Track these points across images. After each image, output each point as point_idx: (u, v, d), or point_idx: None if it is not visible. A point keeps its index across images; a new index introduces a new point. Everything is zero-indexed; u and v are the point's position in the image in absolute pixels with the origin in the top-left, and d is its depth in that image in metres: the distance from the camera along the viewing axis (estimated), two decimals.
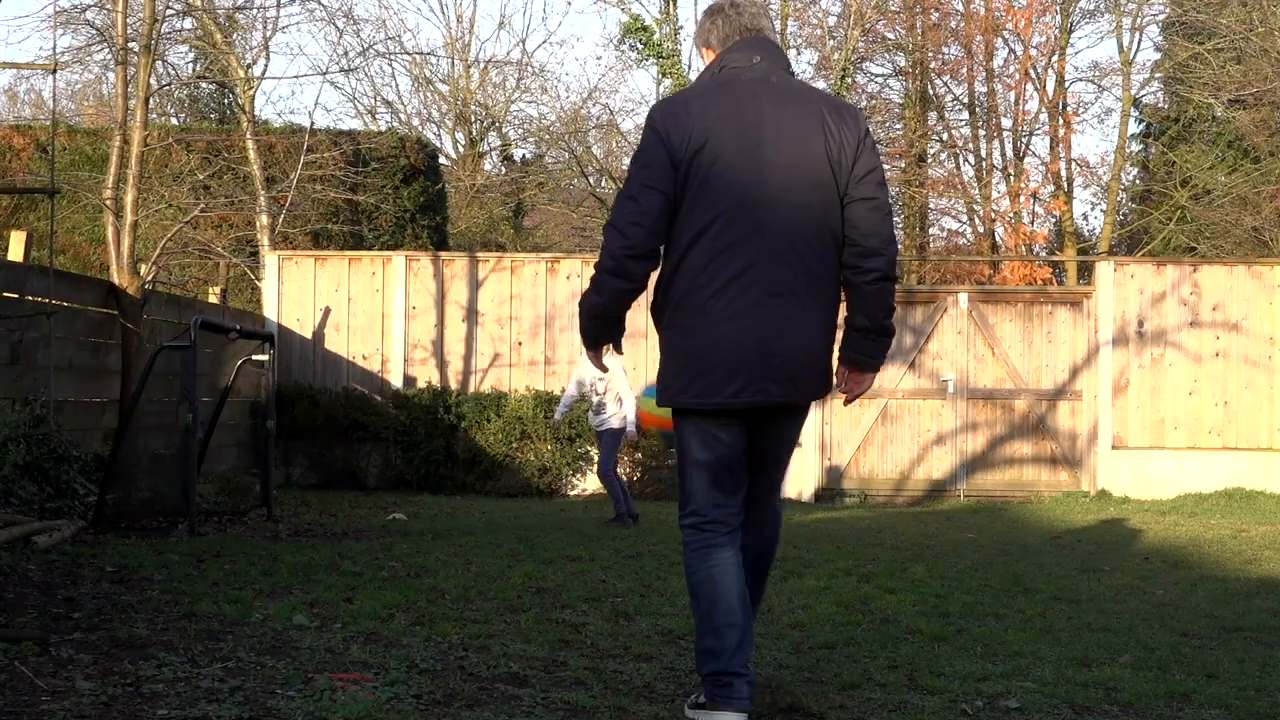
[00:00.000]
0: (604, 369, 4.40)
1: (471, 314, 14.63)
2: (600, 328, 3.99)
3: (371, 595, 6.01)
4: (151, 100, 12.24)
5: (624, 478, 14.02)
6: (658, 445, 13.73)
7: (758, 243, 3.80)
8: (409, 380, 14.46)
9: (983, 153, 27.77)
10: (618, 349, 4.21)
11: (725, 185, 3.79)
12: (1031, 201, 27.16)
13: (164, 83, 16.78)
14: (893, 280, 3.92)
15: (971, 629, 5.69)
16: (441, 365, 14.53)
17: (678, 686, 4.40)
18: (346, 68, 21.52)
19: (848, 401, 4.16)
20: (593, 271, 3.92)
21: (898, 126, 27.53)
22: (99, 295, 10.88)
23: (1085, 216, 28.93)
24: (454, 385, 14.44)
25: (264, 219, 16.38)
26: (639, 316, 8.62)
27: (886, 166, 27.14)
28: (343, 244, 18.01)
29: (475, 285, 14.66)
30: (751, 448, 3.95)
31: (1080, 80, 28.33)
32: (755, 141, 3.81)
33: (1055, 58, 26.76)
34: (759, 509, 4.03)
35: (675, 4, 22.32)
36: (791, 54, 26.10)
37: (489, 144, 27.89)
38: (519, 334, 14.58)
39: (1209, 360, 14.44)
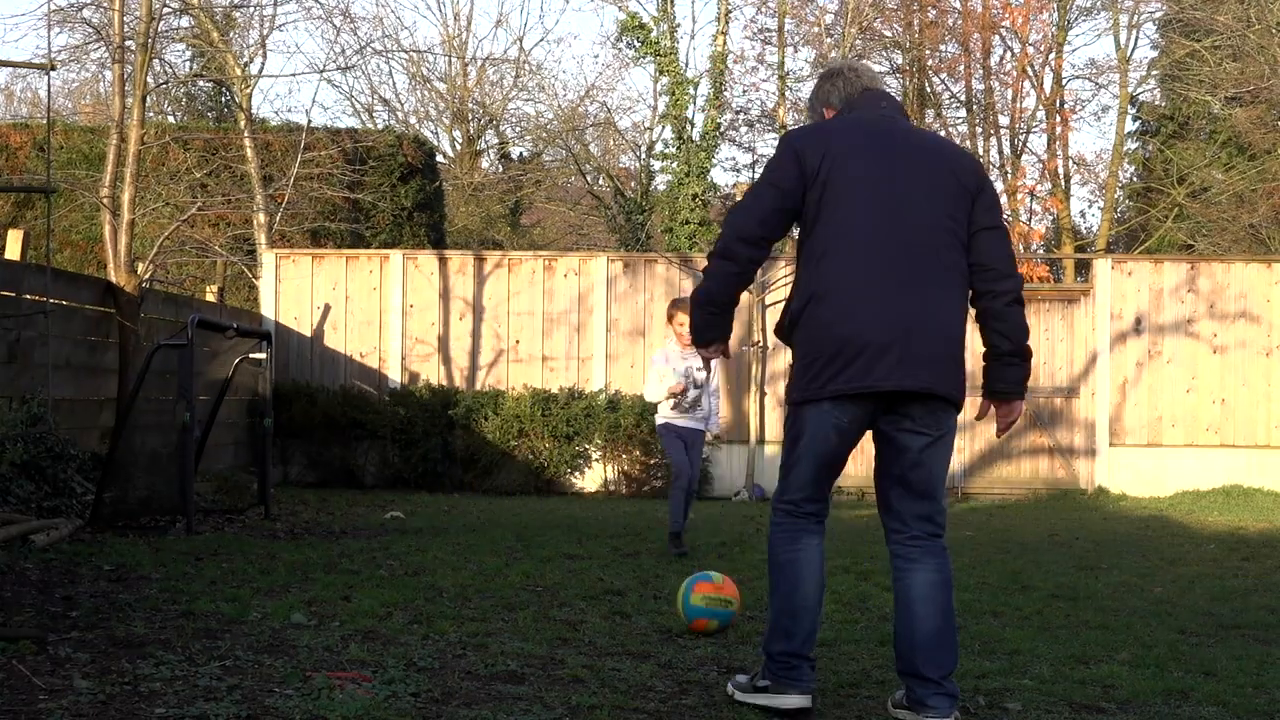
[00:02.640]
0: (707, 367, 4.47)
1: (469, 312, 14.62)
2: (711, 318, 4.13)
3: (369, 593, 6.01)
4: (149, 98, 12.25)
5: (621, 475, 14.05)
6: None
7: (896, 249, 3.91)
8: (408, 378, 14.46)
9: (980, 150, 27.77)
10: (725, 354, 4.26)
11: (864, 198, 3.94)
12: (1029, 199, 27.18)
13: (161, 81, 16.76)
14: (1023, 304, 4.04)
15: (969, 627, 5.69)
16: (439, 363, 14.53)
17: (676, 685, 4.40)
18: (344, 66, 21.50)
19: (1001, 432, 4.24)
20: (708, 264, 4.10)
21: None
22: (96, 293, 10.87)
23: (1083, 214, 29.02)
24: (452, 383, 14.44)
25: (261, 217, 16.37)
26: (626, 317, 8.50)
27: None
28: (340, 242, 18.01)
29: (473, 283, 14.66)
30: (894, 452, 3.98)
31: (1077, 78, 28.32)
32: (890, 167, 3.98)
33: (1052, 55, 26.78)
34: (923, 541, 4.00)
35: (672, 2, 22.31)
36: (788, 52, 26.14)
37: (486, 142, 27.90)
38: (517, 332, 14.57)
39: (1207, 358, 14.45)
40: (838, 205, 3.94)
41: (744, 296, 14.28)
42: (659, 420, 8.40)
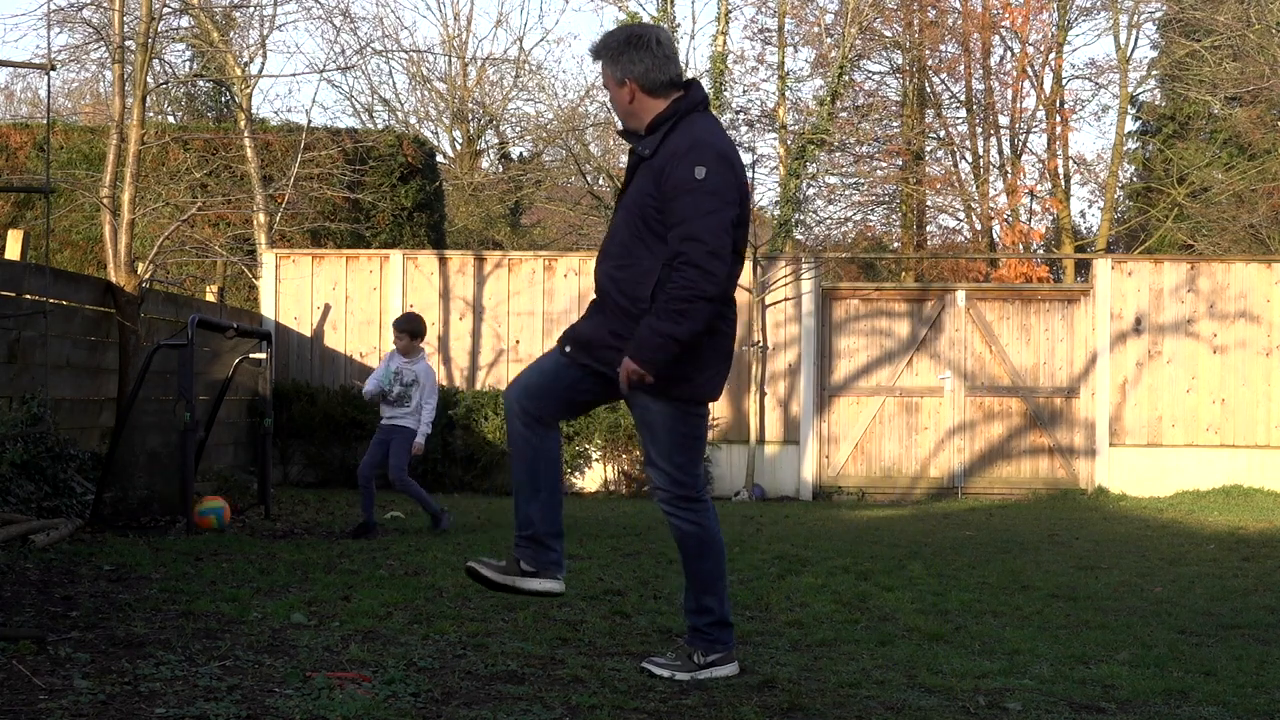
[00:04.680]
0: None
1: (469, 312, 14.63)
2: (681, 353, 4.29)
3: (369, 594, 6.01)
4: (149, 98, 12.25)
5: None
6: None
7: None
8: None
9: (980, 150, 27.77)
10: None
11: (748, 213, 4.45)
12: (1029, 199, 27.17)
13: (161, 81, 16.76)
14: None
15: (969, 627, 5.69)
16: (439, 363, 14.53)
17: (676, 684, 4.40)
18: (344, 66, 21.48)
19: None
20: (680, 303, 4.19)
21: (895, 124, 27.51)
22: (96, 293, 10.87)
23: (1083, 214, 29.00)
24: (452, 383, 14.44)
25: (261, 217, 16.37)
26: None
27: (884, 164, 27.28)
28: (340, 242, 18.01)
29: (473, 283, 14.66)
30: None
31: (1077, 78, 28.26)
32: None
33: (1052, 55, 26.76)
34: None
35: (672, 2, 22.27)
36: (788, 52, 26.12)
37: (486, 142, 27.87)
38: (517, 332, 14.57)
39: (1207, 357, 14.45)
40: (741, 225, 4.35)
41: (744, 297, 14.34)
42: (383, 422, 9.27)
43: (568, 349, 4.43)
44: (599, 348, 4.36)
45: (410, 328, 9.29)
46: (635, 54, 4.34)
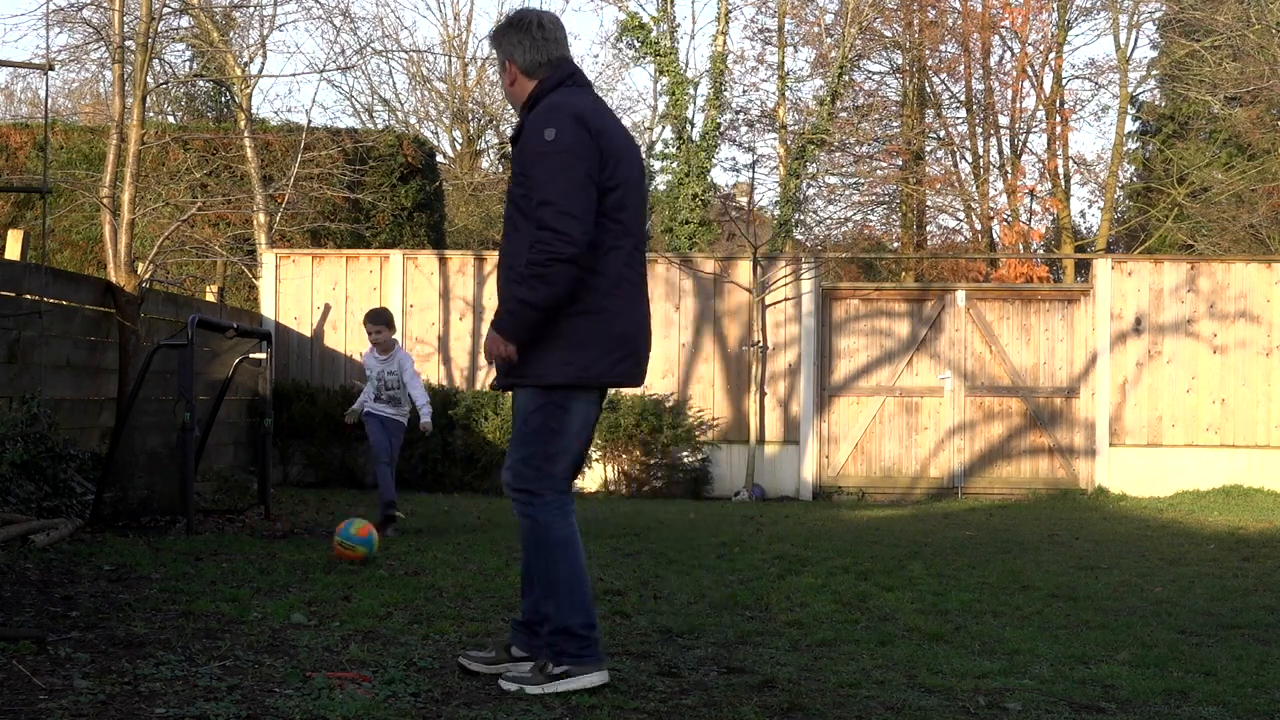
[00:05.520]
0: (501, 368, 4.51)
1: (469, 312, 14.62)
2: (543, 322, 4.15)
3: (369, 594, 6.01)
4: (149, 98, 12.24)
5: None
6: (667, 438, 13.72)
7: (643, 246, 4.35)
8: None
9: (980, 150, 27.78)
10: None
11: (634, 195, 4.26)
12: (1029, 199, 27.17)
13: (161, 81, 16.77)
14: None
15: (969, 627, 5.69)
16: (439, 363, 14.53)
17: (676, 685, 4.40)
18: (344, 66, 21.48)
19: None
20: (535, 267, 4.09)
21: (895, 124, 27.52)
22: (96, 293, 10.87)
23: (1083, 214, 29.00)
24: (452, 383, 14.44)
25: (261, 217, 16.37)
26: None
27: (884, 164, 27.28)
28: (340, 242, 18.01)
29: (473, 283, 14.65)
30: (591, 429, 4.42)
31: (1077, 78, 28.27)
32: (637, 158, 4.33)
33: (1052, 55, 26.77)
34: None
35: (672, 2, 22.29)
36: (788, 52, 26.14)
37: (486, 142, 27.88)
38: None
39: (1207, 358, 14.45)
40: (622, 201, 4.20)
41: (744, 297, 14.34)
42: (367, 408, 9.41)
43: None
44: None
45: (388, 318, 9.34)
46: (515, 35, 4.30)
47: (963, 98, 27.80)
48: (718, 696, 4.24)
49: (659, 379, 14.33)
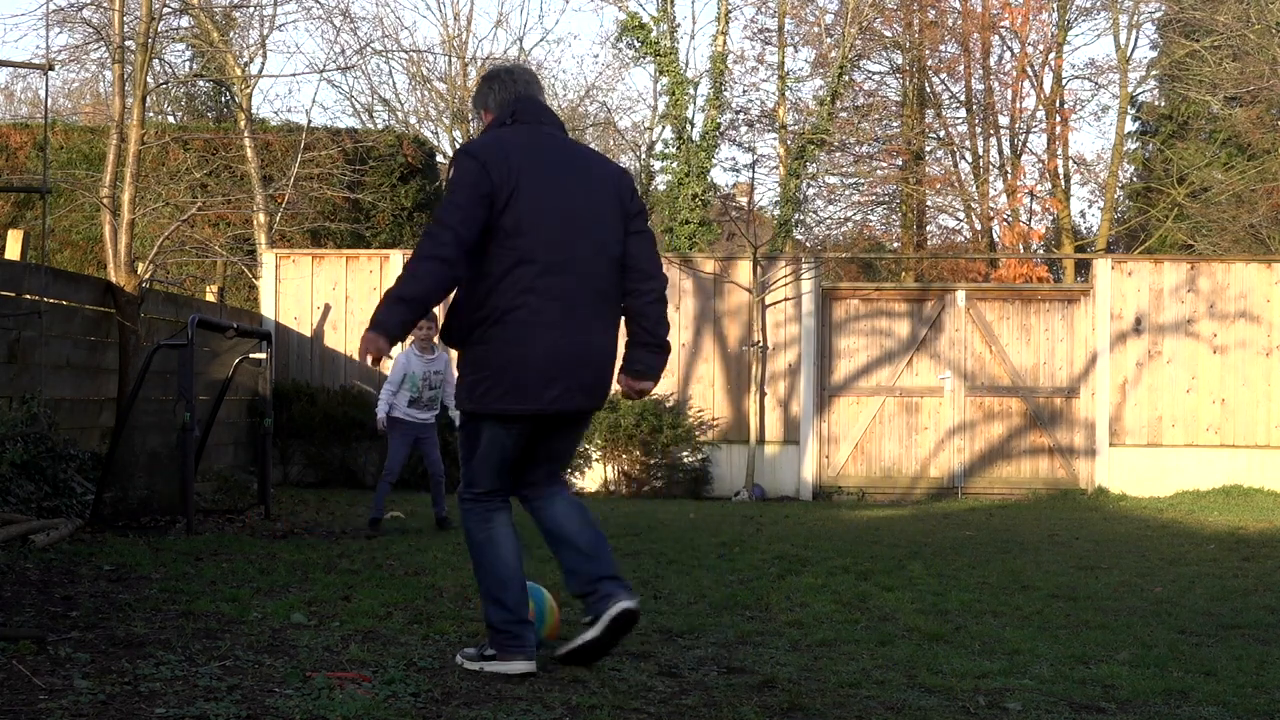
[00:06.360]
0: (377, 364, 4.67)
1: None
2: (416, 318, 4.41)
3: (369, 594, 6.01)
4: (149, 98, 12.24)
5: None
6: (667, 438, 13.72)
7: (570, 268, 4.39)
8: None
9: (980, 150, 27.77)
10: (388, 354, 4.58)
11: (543, 220, 4.35)
12: (1029, 199, 27.17)
13: (161, 81, 16.76)
14: (665, 302, 4.63)
15: (969, 627, 5.69)
16: None
17: (676, 685, 4.40)
18: (344, 66, 21.49)
19: (627, 399, 4.77)
20: (408, 266, 4.35)
21: (895, 124, 27.52)
22: (96, 293, 10.87)
23: (1082, 214, 28.98)
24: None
25: (261, 217, 16.38)
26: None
27: (884, 164, 27.27)
28: (340, 242, 18.01)
29: None
30: (542, 444, 4.56)
31: (1077, 78, 28.25)
32: (563, 183, 4.43)
33: (1052, 55, 26.76)
34: (550, 487, 4.63)
35: (672, 2, 22.28)
36: (789, 52, 26.12)
37: None
38: None
39: (1207, 358, 14.45)
40: (517, 228, 4.33)
41: (744, 297, 14.34)
42: (395, 413, 9.08)
43: None
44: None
45: (434, 314, 8.41)
46: (489, 85, 4.67)
47: (963, 98, 27.80)
48: (718, 696, 4.24)
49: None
